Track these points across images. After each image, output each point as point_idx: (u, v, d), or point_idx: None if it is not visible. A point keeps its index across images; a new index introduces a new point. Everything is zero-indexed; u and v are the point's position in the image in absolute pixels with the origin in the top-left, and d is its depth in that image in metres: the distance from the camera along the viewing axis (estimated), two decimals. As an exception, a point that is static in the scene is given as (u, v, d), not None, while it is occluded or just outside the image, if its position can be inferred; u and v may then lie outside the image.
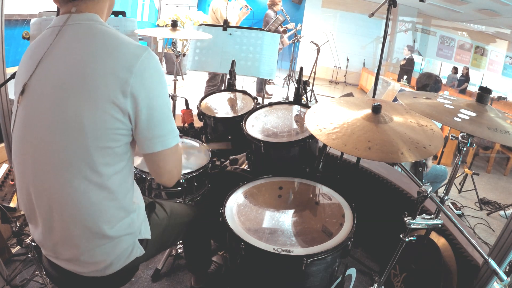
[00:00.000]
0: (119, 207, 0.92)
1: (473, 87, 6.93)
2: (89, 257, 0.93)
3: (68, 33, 0.86)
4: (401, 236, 1.21)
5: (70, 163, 0.84)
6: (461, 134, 1.10)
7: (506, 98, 5.99)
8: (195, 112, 1.97)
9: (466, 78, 7.06)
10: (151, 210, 1.15)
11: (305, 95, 1.74)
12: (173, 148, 0.94)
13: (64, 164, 0.84)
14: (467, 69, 7.11)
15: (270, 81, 6.49)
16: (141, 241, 1.03)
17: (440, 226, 1.18)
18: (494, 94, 6.02)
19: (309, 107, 1.53)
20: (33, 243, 1.43)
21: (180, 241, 1.91)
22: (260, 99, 1.97)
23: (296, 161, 1.52)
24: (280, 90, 6.62)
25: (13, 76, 1.13)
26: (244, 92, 2.01)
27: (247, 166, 1.85)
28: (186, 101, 2.20)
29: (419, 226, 1.15)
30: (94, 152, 0.84)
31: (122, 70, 0.83)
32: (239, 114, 1.77)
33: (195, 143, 1.84)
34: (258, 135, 1.53)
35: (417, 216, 1.14)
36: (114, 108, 0.83)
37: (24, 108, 0.88)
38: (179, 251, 1.89)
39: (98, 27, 0.87)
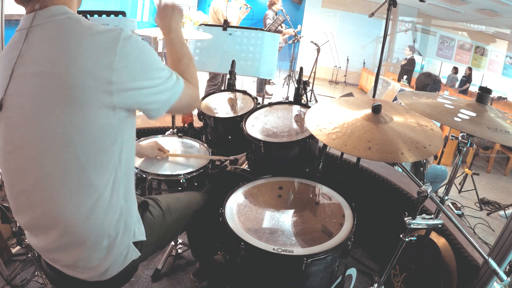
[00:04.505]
0: (112, 212, 0.90)
1: (473, 87, 6.93)
2: (85, 263, 0.91)
3: (35, 35, 0.78)
4: (401, 236, 1.21)
5: (62, 176, 0.81)
6: (461, 134, 1.10)
7: (506, 98, 5.99)
8: (195, 112, 1.97)
9: (468, 78, 7.05)
10: (144, 209, 1.11)
11: (305, 95, 1.73)
12: (182, 92, 0.93)
13: (56, 178, 0.81)
14: (470, 69, 7.09)
15: (270, 81, 6.49)
16: (136, 243, 1.00)
17: (440, 226, 1.18)
18: (494, 94, 6.03)
19: (309, 107, 1.53)
20: (33, 243, 1.43)
21: (180, 240, 1.92)
22: (260, 99, 1.96)
23: (296, 161, 1.52)
24: (280, 90, 6.62)
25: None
26: (244, 92, 2.00)
27: (247, 166, 1.85)
28: (186, 101, 2.19)
29: (419, 226, 1.15)
30: (85, 161, 0.80)
31: (101, 69, 0.76)
32: (239, 114, 1.77)
33: (195, 143, 1.84)
34: (258, 135, 1.53)
35: (417, 216, 1.14)
36: (102, 110, 0.78)
37: (4, 126, 0.83)
38: (179, 251, 1.89)
39: (65, 22, 0.79)
